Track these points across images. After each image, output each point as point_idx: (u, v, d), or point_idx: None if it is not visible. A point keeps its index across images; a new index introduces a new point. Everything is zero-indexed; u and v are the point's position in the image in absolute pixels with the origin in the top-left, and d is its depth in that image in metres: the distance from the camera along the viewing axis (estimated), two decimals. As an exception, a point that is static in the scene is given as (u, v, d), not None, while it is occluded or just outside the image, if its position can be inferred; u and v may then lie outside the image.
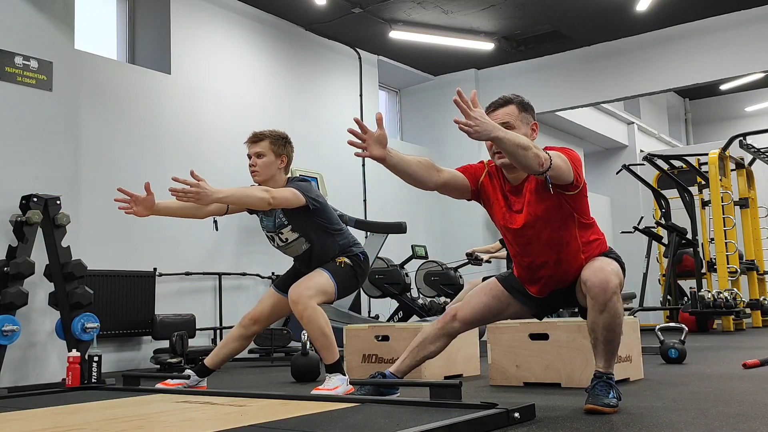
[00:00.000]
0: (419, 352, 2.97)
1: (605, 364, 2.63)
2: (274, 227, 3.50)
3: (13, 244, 4.28)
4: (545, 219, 2.66)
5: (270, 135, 3.50)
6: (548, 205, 2.64)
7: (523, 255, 2.77)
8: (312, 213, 3.42)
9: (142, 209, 3.31)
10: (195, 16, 7.00)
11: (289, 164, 3.55)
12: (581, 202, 2.69)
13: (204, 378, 3.76)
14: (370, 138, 2.53)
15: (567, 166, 2.53)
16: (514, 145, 2.37)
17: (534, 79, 9.38)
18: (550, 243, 2.68)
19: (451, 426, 2.10)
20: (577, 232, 2.69)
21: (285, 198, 3.29)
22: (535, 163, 2.41)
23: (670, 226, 8.90)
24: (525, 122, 2.74)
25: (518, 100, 2.77)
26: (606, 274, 2.56)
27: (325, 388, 3.25)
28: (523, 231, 2.70)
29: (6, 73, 4.37)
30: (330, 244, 3.50)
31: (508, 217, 2.74)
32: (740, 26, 8.03)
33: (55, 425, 2.53)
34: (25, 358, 4.34)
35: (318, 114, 8.12)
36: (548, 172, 2.45)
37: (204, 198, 3.02)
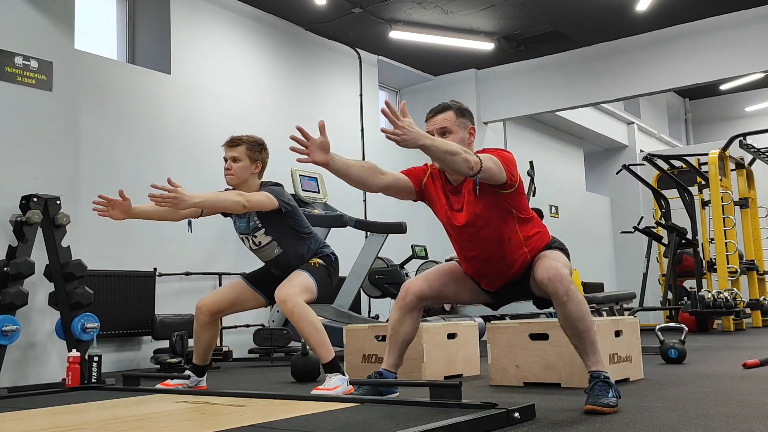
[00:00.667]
0: (397, 340, 3.03)
1: (593, 359, 2.68)
2: (248, 230, 3.59)
3: (13, 244, 4.28)
4: (485, 216, 2.79)
5: (247, 140, 3.57)
6: (486, 203, 2.78)
7: (468, 251, 2.91)
8: (284, 216, 3.52)
9: (118, 213, 3.43)
10: (195, 16, 7.00)
11: (263, 169, 3.63)
12: (518, 200, 2.82)
13: (203, 377, 3.77)
14: (312, 144, 2.61)
15: (498, 167, 2.66)
16: (441, 151, 2.50)
17: (534, 79, 9.38)
18: (491, 239, 2.82)
19: (451, 426, 2.10)
20: (517, 226, 2.83)
21: (259, 201, 3.40)
22: (464, 167, 2.54)
23: (670, 226, 8.91)
24: (462, 127, 2.89)
25: (456, 106, 2.93)
26: (556, 268, 2.67)
27: (325, 388, 3.25)
28: (464, 229, 2.84)
29: (6, 73, 4.37)
30: (301, 247, 3.59)
31: (450, 216, 2.88)
32: (740, 26, 8.03)
33: (55, 425, 2.53)
34: (25, 358, 4.34)
35: (318, 114, 8.11)
36: (479, 175, 2.58)
37: (181, 203, 3.14)
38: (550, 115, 11.06)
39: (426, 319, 6.09)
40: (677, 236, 8.88)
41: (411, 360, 3.95)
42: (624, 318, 3.92)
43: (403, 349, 3.06)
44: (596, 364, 2.68)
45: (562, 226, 11.22)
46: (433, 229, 9.61)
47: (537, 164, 10.37)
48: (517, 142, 11.21)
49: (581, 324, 2.68)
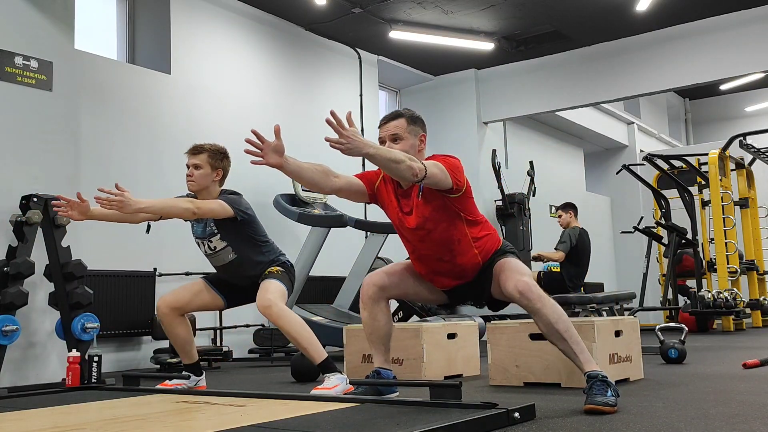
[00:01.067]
0: (377, 336, 3.09)
1: (584, 358, 2.72)
2: (204, 234, 3.66)
3: (13, 244, 4.28)
4: (434, 219, 2.89)
5: (209, 149, 3.67)
6: (435, 207, 2.88)
7: (419, 252, 3.00)
8: (240, 224, 3.60)
9: (77, 214, 3.50)
10: (195, 16, 7.01)
11: (224, 177, 3.72)
12: (466, 203, 2.93)
13: (201, 376, 3.78)
14: (267, 147, 2.66)
15: (444, 173, 2.77)
16: (386, 159, 2.60)
17: (534, 79, 9.37)
18: (441, 241, 2.92)
19: (451, 426, 2.10)
20: (466, 229, 2.93)
21: (210, 209, 3.49)
22: (408, 174, 2.64)
23: (670, 226, 8.90)
24: (413, 134, 2.98)
25: (408, 113, 3.02)
26: (525, 283, 2.77)
27: (325, 387, 3.26)
28: (415, 231, 2.94)
29: (6, 73, 4.37)
30: (256, 255, 3.66)
31: (402, 218, 2.97)
32: (740, 26, 8.03)
33: (55, 425, 2.53)
34: (25, 358, 4.34)
35: (318, 114, 8.10)
36: (424, 181, 2.70)
37: (126, 207, 3.23)
38: (550, 115, 11.05)
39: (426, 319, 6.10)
40: (677, 236, 8.88)
41: (411, 360, 3.96)
42: (624, 318, 3.92)
43: (386, 343, 3.11)
44: (588, 363, 2.71)
45: (562, 226, 11.22)
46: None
47: (537, 164, 10.38)
48: (517, 142, 11.22)
49: (560, 325, 2.74)
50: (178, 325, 3.68)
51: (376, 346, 3.10)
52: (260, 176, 6.30)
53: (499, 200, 9.63)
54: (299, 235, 7.00)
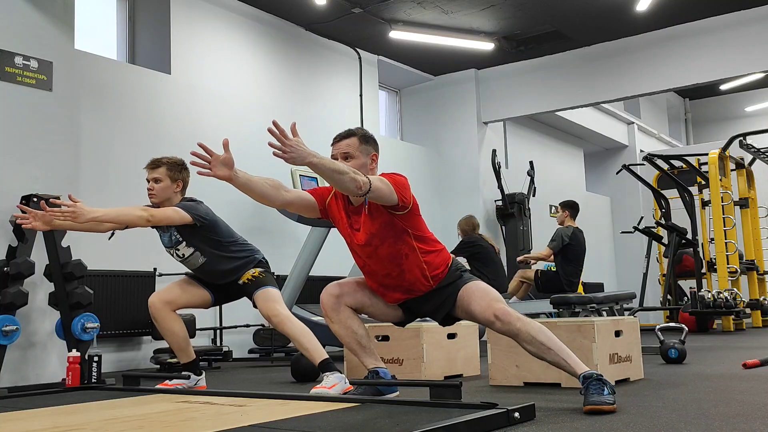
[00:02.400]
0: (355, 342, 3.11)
1: (574, 362, 2.74)
2: (171, 243, 3.76)
3: (13, 244, 4.28)
4: (381, 236, 2.92)
5: (167, 162, 3.77)
6: (382, 223, 2.90)
7: (368, 266, 3.02)
8: (201, 229, 3.68)
9: (40, 224, 3.53)
10: (195, 16, 7.00)
11: (185, 188, 3.82)
12: (413, 221, 2.95)
13: (200, 375, 3.79)
14: (215, 160, 2.68)
15: (389, 189, 2.79)
16: (329, 169, 2.61)
17: (534, 79, 9.38)
18: (389, 256, 2.94)
19: (451, 426, 2.10)
20: (415, 244, 2.95)
21: (166, 216, 3.59)
22: (352, 186, 2.66)
23: (670, 226, 8.91)
24: (365, 153, 3.01)
25: (361, 133, 3.06)
26: (500, 308, 2.81)
27: (323, 386, 3.27)
28: (364, 247, 2.97)
29: (6, 73, 4.37)
30: (225, 255, 3.75)
31: (352, 234, 3.00)
32: (740, 26, 8.03)
33: (55, 425, 2.53)
34: (25, 358, 4.34)
35: (318, 114, 8.12)
36: (368, 195, 2.72)
37: (79, 217, 3.30)
38: (550, 115, 11.05)
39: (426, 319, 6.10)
40: (677, 236, 8.88)
41: (411, 360, 3.96)
42: (624, 318, 3.92)
43: (367, 344, 3.14)
44: (579, 366, 2.72)
45: (562, 226, 11.23)
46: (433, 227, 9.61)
47: (537, 164, 10.38)
48: (517, 142, 11.22)
49: (542, 336, 2.76)
50: (172, 321, 3.73)
51: (360, 351, 3.12)
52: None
53: (499, 200, 9.64)
54: (299, 235, 7.00)
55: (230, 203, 5.67)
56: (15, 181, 4.36)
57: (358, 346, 3.11)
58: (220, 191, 5.05)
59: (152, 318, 3.73)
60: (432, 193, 9.65)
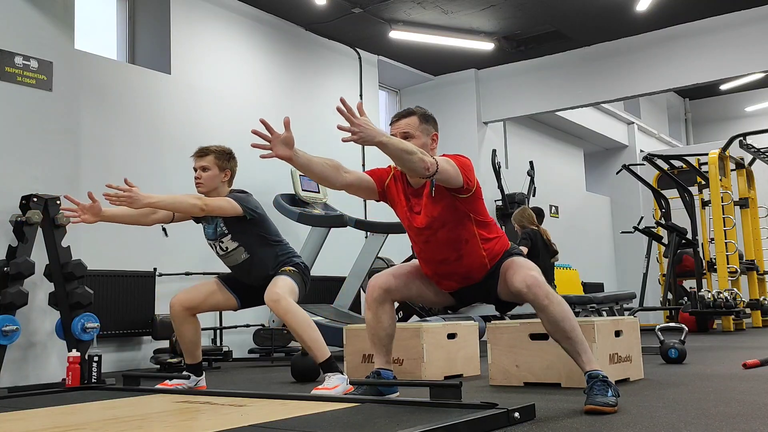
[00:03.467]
0: (378, 337, 3.07)
1: (586, 358, 2.70)
2: (215, 236, 3.65)
3: (13, 244, 4.28)
4: (442, 219, 2.85)
5: (215, 150, 3.66)
6: (444, 206, 2.83)
7: (425, 252, 2.96)
8: (250, 223, 3.58)
9: (89, 216, 3.44)
10: (195, 16, 7.00)
11: (232, 177, 3.71)
12: (475, 204, 2.88)
13: (202, 376, 3.78)
14: (276, 139, 2.61)
15: (455, 171, 2.72)
16: (398, 150, 2.54)
17: (534, 79, 9.38)
18: (448, 241, 2.88)
19: (451, 426, 2.10)
20: (475, 230, 2.89)
21: (219, 206, 3.47)
22: (420, 167, 2.58)
23: (670, 226, 8.91)
24: (425, 133, 2.92)
25: (420, 111, 2.96)
26: (532, 276, 2.74)
27: (325, 388, 3.26)
28: (423, 230, 2.90)
29: (6, 73, 4.37)
30: (269, 254, 3.63)
31: (411, 218, 2.93)
32: (740, 26, 8.03)
33: (55, 425, 2.53)
34: (25, 358, 4.34)
35: (318, 114, 8.11)
36: (435, 176, 2.64)
37: (135, 202, 3.22)
38: (550, 115, 11.05)
39: (426, 319, 6.10)
40: (677, 236, 8.88)
41: (411, 360, 3.96)
42: (624, 318, 3.92)
43: (388, 345, 3.10)
44: (590, 363, 2.70)
45: (562, 226, 11.23)
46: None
47: (537, 164, 10.38)
48: (517, 142, 11.21)
49: (566, 324, 2.71)
50: (189, 325, 3.68)
51: (378, 348, 3.08)
52: (260, 176, 6.31)
53: (499, 200, 9.64)
54: (299, 235, 7.00)
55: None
56: (15, 181, 4.36)
57: (379, 343, 3.07)
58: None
59: (171, 317, 3.69)
60: (432, 193, 9.63)
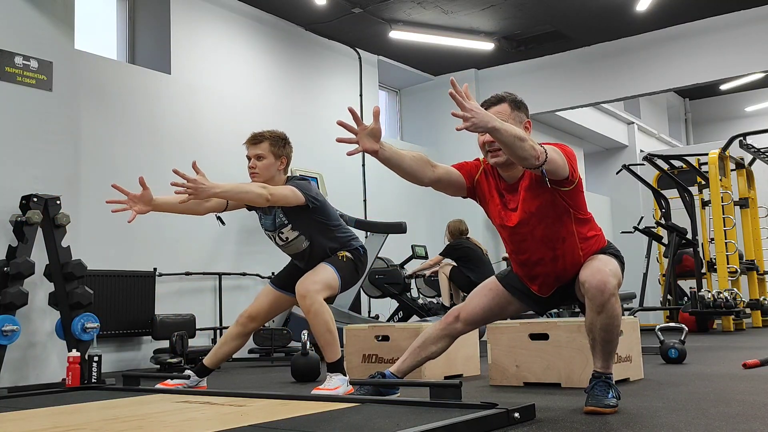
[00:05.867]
0: (421, 353, 3.00)
1: (603, 364, 2.63)
2: (274, 227, 3.52)
3: (13, 244, 4.28)
4: (540, 216, 2.65)
5: (270, 136, 3.49)
6: (542, 202, 2.63)
7: (519, 252, 2.77)
8: (311, 211, 3.42)
9: (142, 206, 3.26)
10: (195, 16, 7.00)
11: (288, 164, 3.55)
12: (577, 198, 2.67)
13: (204, 378, 3.77)
14: (362, 131, 2.45)
15: (563, 160, 2.51)
16: (511, 136, 2.33)
17: (534, 79, 9.38)
18: (545, 240, 2.67)
19: (451, 426, 2.10)
20: (574, 227, 2.68)
21: (284, 195, 3.29)
22: (531, 155, 2.37)
23: (670, 226, 8.90)
24: (518, 120, 2.69)
25: (511, 98, 2.74)
26: (604, 275, 2.52)
27: (326, 388, 3.25)
28: (518, 228, 2.70)
29: (6, 73, 4.37)
30: (330, 240, 3.51)
31: (504, 215, 2.74)
32: (740, 26, 8.03)
33: (55, 425, 2.53)
34: (25, 358, 4.34)
35: (318, 114, 8.12)
36: (544, 166, 2.42)
37: (202, 192, 3.04)
38: (550, 115, 11.05)
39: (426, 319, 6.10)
40: (677, 236, 8.88)
41: (411, 360, 3.95)
42: (624, 318, 3.91)
43: (421, 363, 3.04)
44: (605, 367, 2.62)
45: (562, 226, 11.21)
46: (434, 229, 9.62)
47: (537, 164, 10.36)
48: (517, 142, 11.20)
49: (607, 335, 2.56)
50: (240, 340, 3.61)
51: (411, 356, 3.00)
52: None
53: (499, 200, 9.62)
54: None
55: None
56: (15, 181, 4.36)
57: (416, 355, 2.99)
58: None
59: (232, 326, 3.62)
60: (432, 194, 9.60)
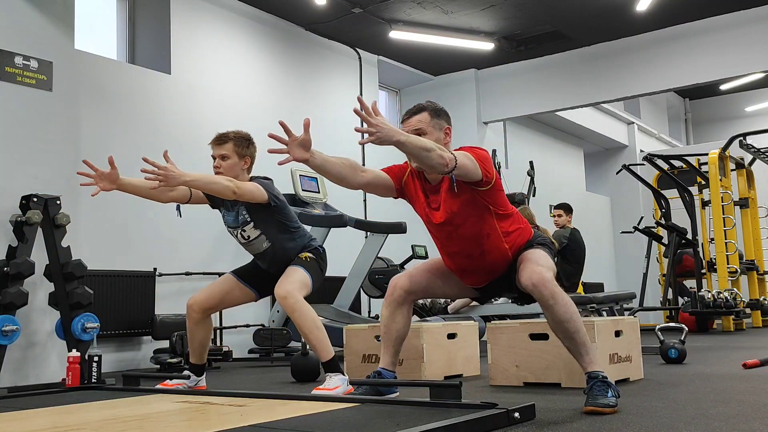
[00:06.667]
0: (390, 337, 3.06)
1: (588, 359, 2.70)
2: (237, 224, 3.60)
3: (13, 244, 4.28)
4: (462, 214, 2.82)
5: (234, 137, 3.61)
6: (463, 201, 2.80)
7: (448, 248, 2.95)
8: (273, 210, 3.53)
9: (107, 183, 3.43)
10: (195, 16, 7.00)
11: (252, 164, 3.65)
12: (495, 196, 2.85)
13: (202, 376, 3.78)
14: (293, 142, 2.62)
15: (474, 164, 2.69)
16: (417, 147, 2.52)
17: (534, 79, 9.38)
18: (469, 236, 2.85)
19: (451, 426, 2.10)
20: (496, 223, 2.86)
21: (249, 190, 3.40)
22: (439, 164, 2.56)
23: (670, 226, 8.91)
24: (437, 127, 2.90)
25: (431, 107, 2.94)
26: (539, 273, 2.70)
27: (326, 388, 3.25)
28: (443, 226, 2.88)
29: (6, 73, 4.37)
30: (289, 241, 3.61)
31: (429, 214, 2.91)
32: (740, 26, 8.03)
33: (55, 425, 2.53)
34: (25, 358, 4.34)
35: (318, 114, 8.11)
36: (454, 171, 2.61)
37: (172, 180, 3.19)
38: (550, 115, 11.05)
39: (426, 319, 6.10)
40: (677, 236, 8.88)
41: (411, 360, 3.96)
42: (624, 318, 3.92)
43: (397, 346, 3.09)
44: (591, 364, 2.69)
45: (562, 226, 11.22)
46: (433, 229, 9.61)
47: (537, 164, 10.37)
48: (517, 142, 11.21)
49: (570, 325, 2.69)
50: (202, 326, 3.64)
51: (387, 347, 3.07)
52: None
53: (499, 200, 9.62)
54: (299, 235, 6.99)
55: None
56: (15, 181, 4.37)
57: (389, 342, 3.06)
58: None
59: (186, 317, 3.64)
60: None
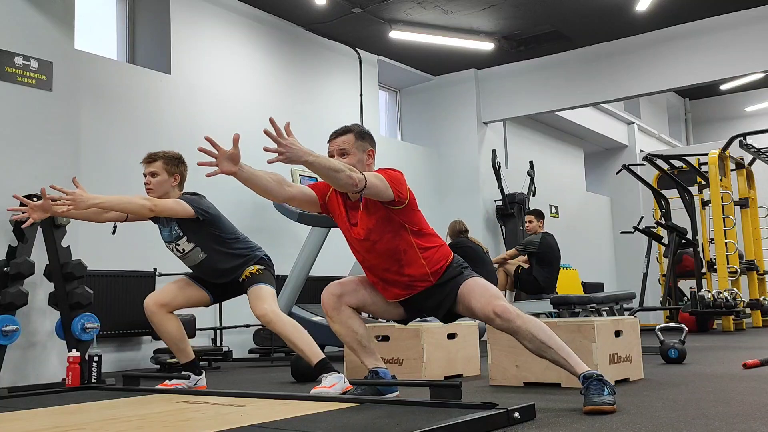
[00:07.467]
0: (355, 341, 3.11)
1: (574, 362, 2.74)
2: (171, 238, 3.70)
3: (13, 244, 4.28)
4: (378, 231, 2.94)
5: (163, 156, 3.74)
6: (378, 218, 2.93)
7: (367, 261, 3.03)
8: (204, 224, 3.63)
9: (39, 213, 3.48)
10: (195, 16, 7.01)
11: (182, 182, 3.77)
12: (410, 215, 2.97)
13: (200, 375, 3.78)
14: (222, 156, 2.67)
15: (384, 185, 2.82)
16: (324, 168, 2.64)
17: (534, 79, 9.38)
18: (387, 251, 2.95)
19: (451, 426, 2.10)
20: (412, 239, 2.96)
21: (169, 207, 3.52)
22: (348, 183, 2.69)
23: (670, 226, 8.91)
24: (361, 149, 3.03)
25: (357, 129, 3.08)
26: (500, 306, 2.81)
27: (323, 386, 3.26)
28: (362, 242, 2.99)
29: (6, 73, 4.37)
30: (226, 253, 3.68)
31: (350, 229, 3.02)
32: (740, 26, 8.03)
33: (55, 425, 2.53)
34: (25, 358, 4.34)
35: (318, 114, 8.12)
36: (363, 192, 2.75)
37: (80, 203, 3.29)
38: (550, 115, 11.05)
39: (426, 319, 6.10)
40: (677, 236, 8.88)
41: (411, 360, 3.96)
42: (624, 318, 3.92)
43: (368, 344, 3.14)
44: (579, 365, 2.73)
45: (562, 226, 11.23)
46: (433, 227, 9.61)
47: (537, 164, 10.38)
48: (517, 142, 11.22)
49: (542, 334, 2.76)
50: (168, 322, 3.70)
51: (360, 351, 3.12)
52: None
53: (499, 200, 9.64)
54: (299, 235, 7.00)
55: (231, 203, 5.66)
56: (15, 180, 4.36)
57: (358, 346, 3.11)
58: (221, 191, 5.06)
59: (148, 320, 3.71)
60: (432, 193, 9.65)
